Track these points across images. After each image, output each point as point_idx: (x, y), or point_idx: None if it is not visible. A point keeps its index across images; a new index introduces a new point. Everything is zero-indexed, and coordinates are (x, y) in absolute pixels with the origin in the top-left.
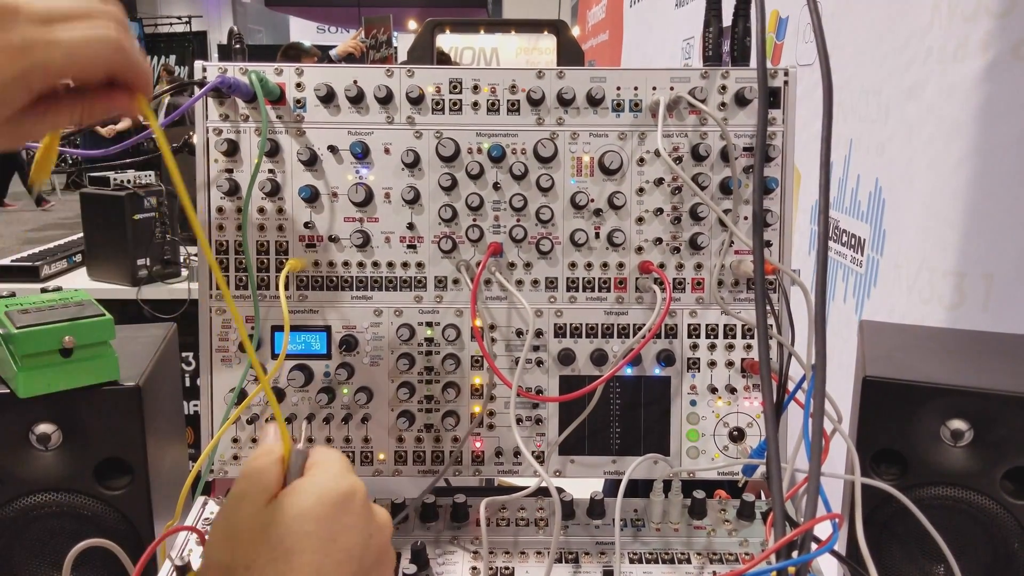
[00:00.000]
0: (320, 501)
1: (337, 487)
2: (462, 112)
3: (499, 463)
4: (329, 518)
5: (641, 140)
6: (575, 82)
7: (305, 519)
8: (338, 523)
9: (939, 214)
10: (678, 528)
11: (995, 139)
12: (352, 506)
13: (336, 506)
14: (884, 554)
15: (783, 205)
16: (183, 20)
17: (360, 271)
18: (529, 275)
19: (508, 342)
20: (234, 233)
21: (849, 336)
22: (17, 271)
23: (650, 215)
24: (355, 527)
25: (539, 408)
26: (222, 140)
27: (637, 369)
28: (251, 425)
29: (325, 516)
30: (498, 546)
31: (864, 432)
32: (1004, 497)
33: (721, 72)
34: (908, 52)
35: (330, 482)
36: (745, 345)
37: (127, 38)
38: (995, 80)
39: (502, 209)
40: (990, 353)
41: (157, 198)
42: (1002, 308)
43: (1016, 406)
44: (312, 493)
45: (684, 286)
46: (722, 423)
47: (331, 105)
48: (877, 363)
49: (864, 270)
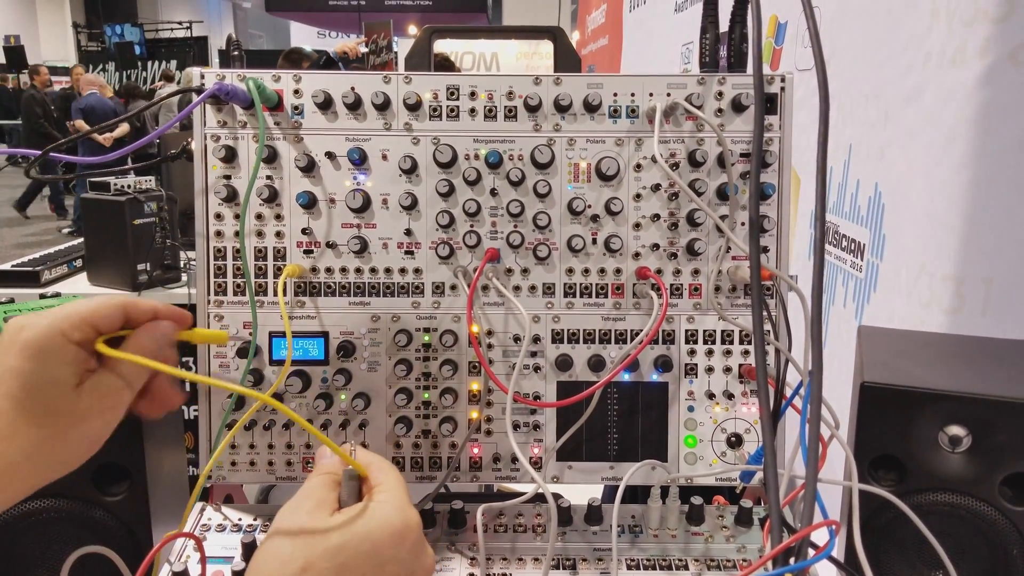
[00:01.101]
0: (381, 527)
1: (398, 518)
2: (459, 118)
3: (497, 469)
4: (385, 546)
5: (638, 146)
6: (572, 88)
7: (365, 540)
8: (390, 552)
9: (938, 219)
10: (676, 534)
11: (994, 143)
12: (406, 541)
13: (394, 536)
14: (882, 560)
15: (780, 211)
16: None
17: (358, 277)
18: (526, 281)
19: (505, 348)
20: (232, 239)
21: (849, 341)
22: (17, 276)
23: (647, 221)
24: (404, 561)
25: (537, 414)
26: (220, 146)
27: (635, 375)
28: (249, 431)
29: (381, 543)
30: (496, 552)
31: (862, 438)
32: (1002, 503)
33: (718, 78)
34: (907, 57)
35: (394, 512)
36: (743, 351)
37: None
38: (993, 85)
39: (499, 215)
40: (989, 359)
41: (157, 203)
42: (1002, 312)
43: (1014, 412)
44: (377, 518)
45: (681, 292)
46: (720, 429)
47: (329, 112)
48: (875, 369)
49: (864, 275)
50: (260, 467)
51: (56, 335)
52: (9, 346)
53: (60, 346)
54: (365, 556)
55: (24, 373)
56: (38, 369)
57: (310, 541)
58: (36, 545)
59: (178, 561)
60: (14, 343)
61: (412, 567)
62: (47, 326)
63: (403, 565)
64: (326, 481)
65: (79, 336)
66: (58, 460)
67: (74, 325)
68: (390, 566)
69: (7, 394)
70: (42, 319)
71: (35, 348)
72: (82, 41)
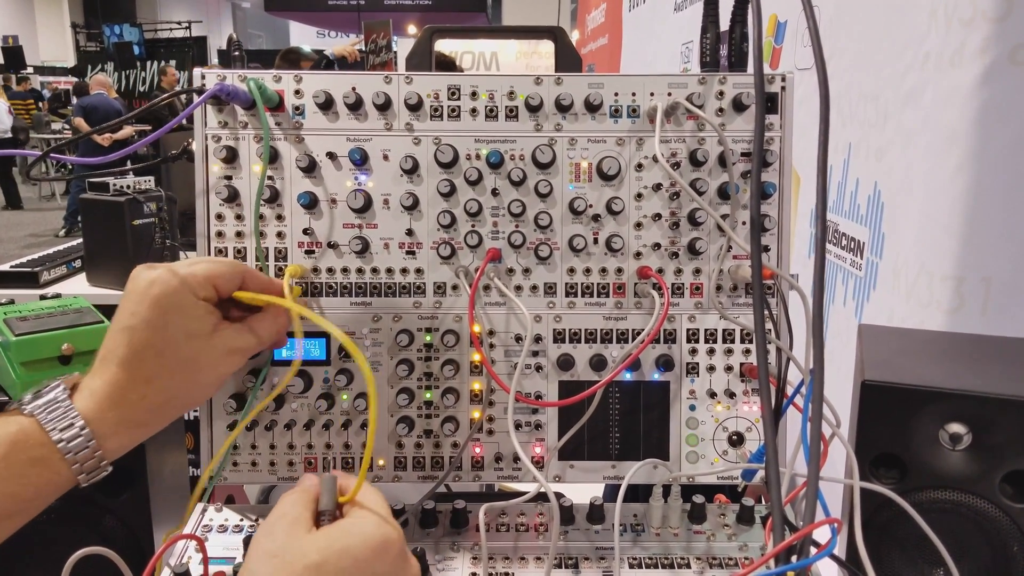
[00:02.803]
0: (362, 543)
1: (378, 533)
2: (460, 118)
3: (499, 469)
4: (366, 561)
5: (639, 146)
6: (573, 88)
7: (345, 556)
8: (371, 567)
9: (938, 218)
10: (678, 533)
11: (993, 143)
12: (388, 555)
13: (374, 551)
14: (883, 558)
15: (781, 210)
16: (183, 25)
17: (359, 277)
18: (528, 281)
19: (507, 348)
20: (233, 240)
21: (849, 339)
22: (16, 277)
23: (648, 220)
24: (387, 574)
25: (538, 413)
26: (221, 147)
27: (636, 374)
28: (250, 431)
29: (363, 559)
30: (498, 552)
31: (863, 436)
32: (1003, 500)
33: (718, 78)
34: (906, 57)
35: (372, 528)
36: (744, 350)
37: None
38: (992, 85)
39: (501, 215)
40: (988, 357)
41: (157, 203)
42: (1001, 311)
43: (1014, 409)
44: (356, 534)
45: (683, 291)
46: (721, 428)
47: (330, 112)
48: (876, 367)
49: (864, 273)
50: (262, 468)
51: (186, 293)
52: (141, 299)
53: (191, 303)
54: (346, 572)
55: (158, 326)
56: (171, 322)
57: (288, 560)
58: (37, 546)
59: (180, 561)
60: (146, 296)
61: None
62: (178, 285)
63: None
64: (300, 499)
65: (203, 294)
66: (190, 401)
67: (200, 284)
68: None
69: (146, 343)
70: (171, 276)
71: (167, 304)
72: (80, 41)
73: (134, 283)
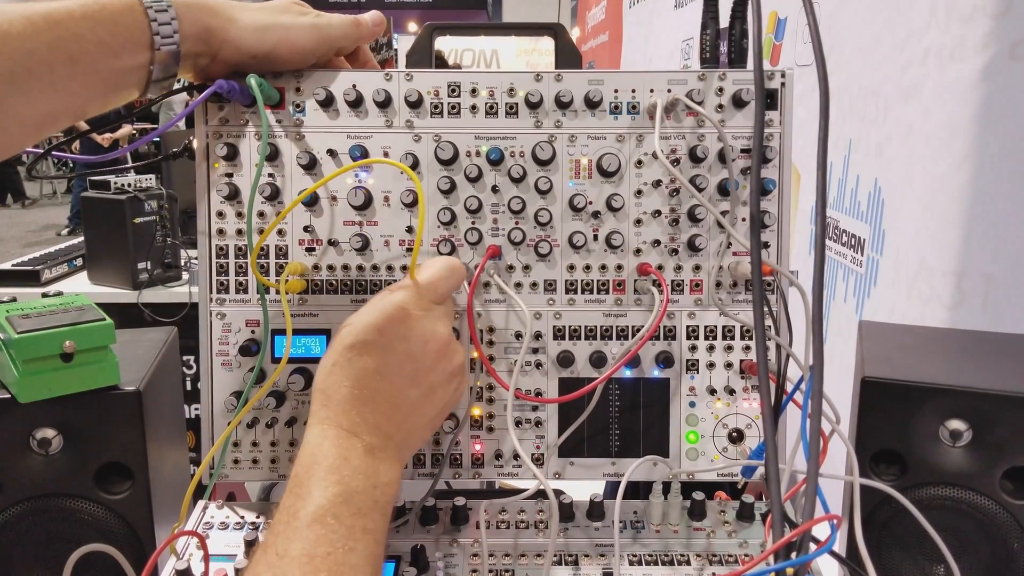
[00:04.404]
0: (379, 312)
1: (392, 300)
2: (460, 115)
3: (499, 465)
4: (384, 330)
5: (639, 142)
6: (573, 85)
7: (370, 330)
8: (392, 332)
9: (938, 214)
10: (678, 530)
11: (993, 138)
12: (406, 323)
13: (390, 319)
14: (883, 555)
15: (781, 206)
16: None
17: (360, 274)
18: (528, 277)
19: (507, 345)
20: (234, 237)
21: (850, 336)
22: (18, 275)
23: (648, 217)
24: (404, 338)
25: (538, 410)
26: (222, 144)
27: (636, 371)
28: (251, 429)
29: (384, 328)
30: (498, 548)
31: (863, 433)
32: (1003, 497)
33: (718, 74)
34: (906, 52)
35: (386, 299)
36: (744, 346)
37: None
38: (992, 80)
39: (501, 212)
40: (989, 353)
41: (158, 201)
42: (1001, 307)
43: (1015, 406)
44: (374, 304)
45: (682, 288)
46: (721, 424)
47: (330, 109)
48: (876, 364)
49: (864, 270)
50: (263, 465)
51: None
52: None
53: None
54: (371, 345)
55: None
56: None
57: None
58: (38, 544)
59: (181, 559)
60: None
61: (423, 337)
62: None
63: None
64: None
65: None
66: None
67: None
68: (399, 345)
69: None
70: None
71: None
72: None
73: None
